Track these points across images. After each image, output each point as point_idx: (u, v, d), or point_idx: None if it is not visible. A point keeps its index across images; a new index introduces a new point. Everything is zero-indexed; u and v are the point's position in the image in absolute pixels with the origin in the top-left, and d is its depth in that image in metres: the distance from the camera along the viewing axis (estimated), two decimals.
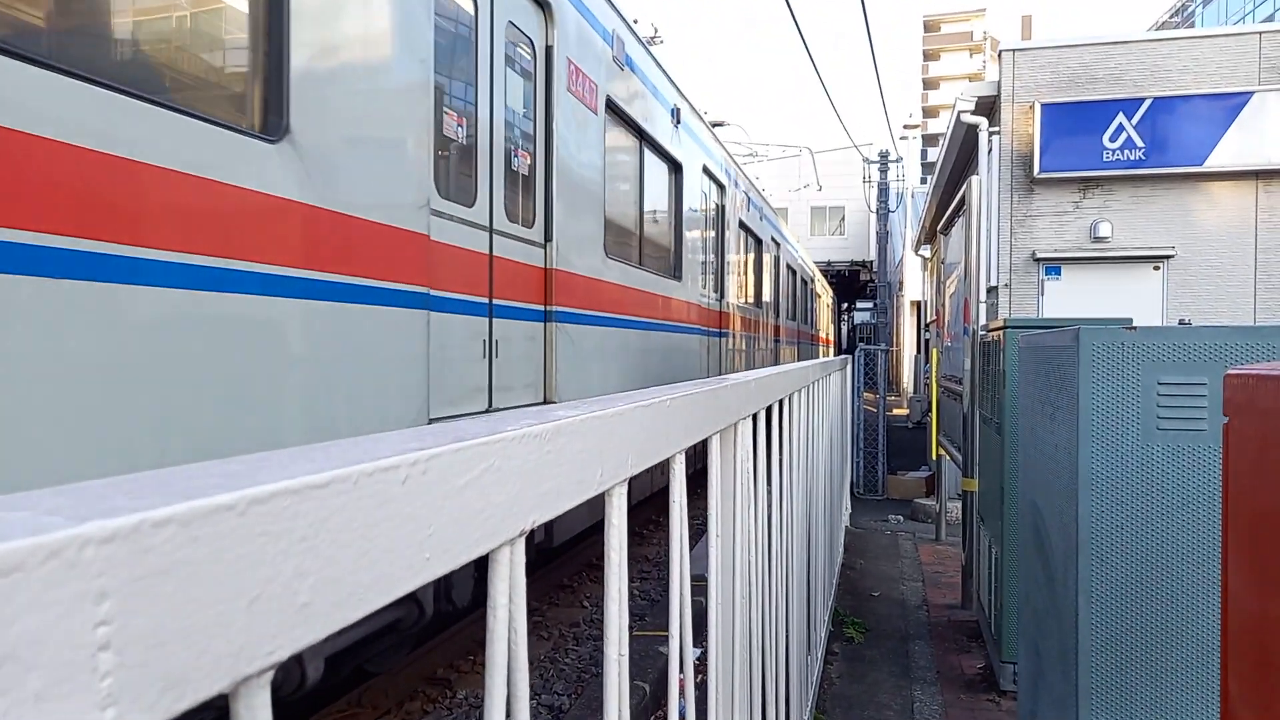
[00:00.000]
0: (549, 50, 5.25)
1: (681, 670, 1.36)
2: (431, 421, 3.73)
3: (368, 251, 3.39)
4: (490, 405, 4.42)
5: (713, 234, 10.12)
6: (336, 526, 0.44)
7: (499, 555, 0.66)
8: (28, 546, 0.28)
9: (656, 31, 12.31)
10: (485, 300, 4.41)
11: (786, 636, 2.72)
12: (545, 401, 4.97)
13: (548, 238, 5.20)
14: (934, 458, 9.37)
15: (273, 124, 2.91)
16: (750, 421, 1.91)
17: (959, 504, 7.73)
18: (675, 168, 8.34)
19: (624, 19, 6.73)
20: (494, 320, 4.49)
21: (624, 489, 0.96)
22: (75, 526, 0.30)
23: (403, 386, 3.60)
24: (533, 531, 0.71)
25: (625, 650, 1.00)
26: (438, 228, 3.94)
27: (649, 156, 7.62)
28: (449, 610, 4.55)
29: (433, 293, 3.85)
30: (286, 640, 0.40)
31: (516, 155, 4.93)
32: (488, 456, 0.61)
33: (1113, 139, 9.75)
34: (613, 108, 6.37)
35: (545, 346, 5.11)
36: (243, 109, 2.95)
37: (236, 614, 0.37)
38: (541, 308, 5.12)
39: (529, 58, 5.13)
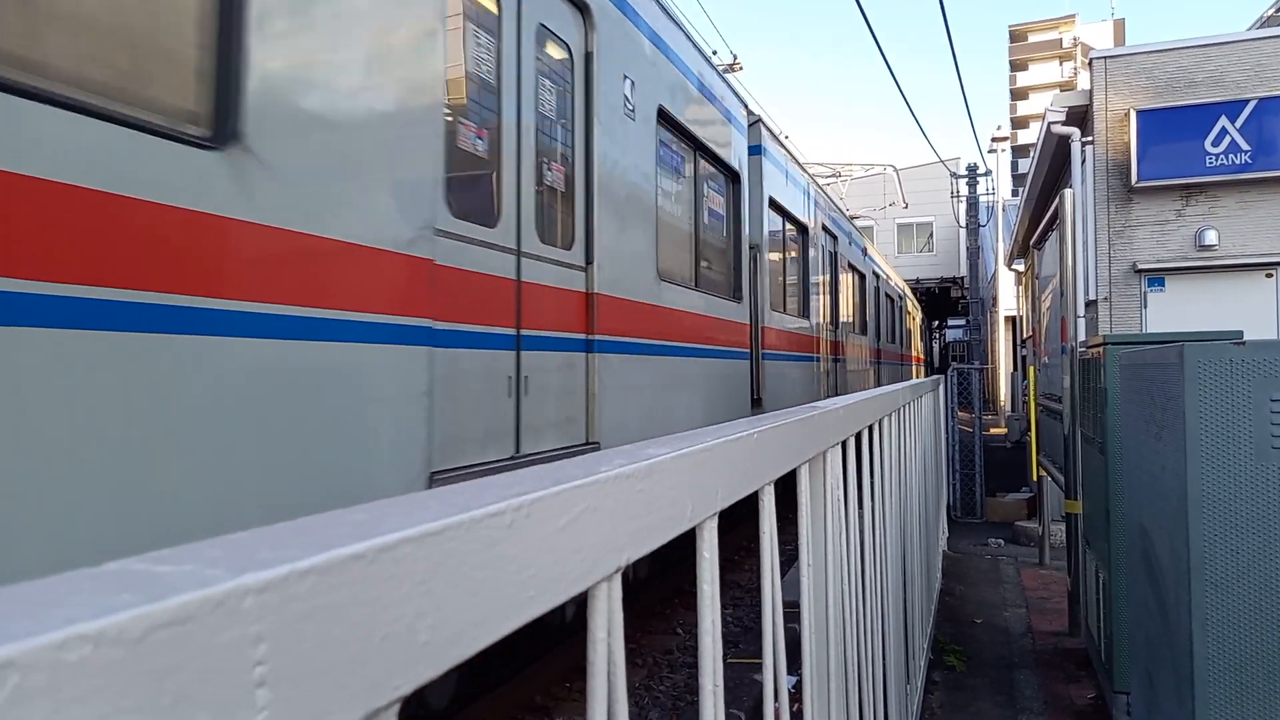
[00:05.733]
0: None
1: (776, 699, 1.36)
2: None
3: None
4: None
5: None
6: (451, 569, 0.48)
7: (597, 591, 0.70)
8: (198, 599, 0.33)
9: (736, 59, 12.34)
10: None
11: (884, 665, 2.68)
12: None
13: None
14: (1035, 479, 9.07)
15: None
16: (839, 449, 1.91)
17: (1062, 526, 7.47)
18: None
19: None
20: None
21: (714, 523, 0.98)
22: (235, 578, 0.35)
23: None
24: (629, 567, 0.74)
25: (720, 681, 1.02)
26: None
27: None
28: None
29: None
30: (411, 675, 0.44)
31: None
32: (585, 498, 0.64)
33: (1215, 143, 9.37)
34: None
35: None
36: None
37: (369, 652, 0.41)
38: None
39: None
